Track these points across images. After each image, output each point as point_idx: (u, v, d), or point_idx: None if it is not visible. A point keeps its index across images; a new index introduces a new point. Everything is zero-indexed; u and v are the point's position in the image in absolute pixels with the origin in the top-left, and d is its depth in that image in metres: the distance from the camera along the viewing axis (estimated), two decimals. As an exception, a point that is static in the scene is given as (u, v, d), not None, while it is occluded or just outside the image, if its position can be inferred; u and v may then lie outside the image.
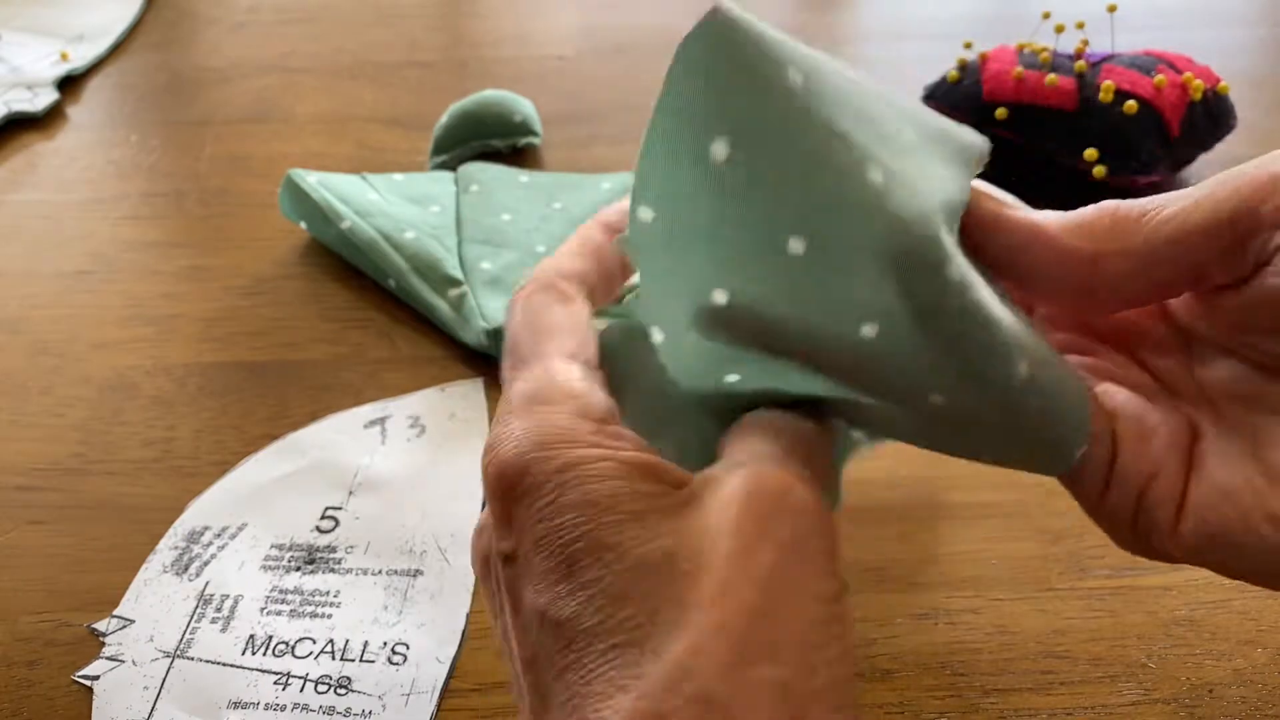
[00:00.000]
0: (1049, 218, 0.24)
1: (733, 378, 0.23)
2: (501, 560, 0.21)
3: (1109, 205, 0.24)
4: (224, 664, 0.33)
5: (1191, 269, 0.23)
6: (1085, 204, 0.24)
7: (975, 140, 0.27)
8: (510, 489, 0.21)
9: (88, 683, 0.33)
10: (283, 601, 0.35)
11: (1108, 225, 0.23)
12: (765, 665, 0.18)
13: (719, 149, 0.22)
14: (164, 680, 0.33)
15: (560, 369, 0.23)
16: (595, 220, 0.27)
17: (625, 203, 0.24)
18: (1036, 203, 0.26)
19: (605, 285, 0.26)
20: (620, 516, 0.20)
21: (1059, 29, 0.52)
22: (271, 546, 0.37)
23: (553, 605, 0.20)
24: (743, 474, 0.21)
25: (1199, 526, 0.23)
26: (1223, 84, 0.51)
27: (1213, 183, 0.22)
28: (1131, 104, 0.48)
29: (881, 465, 0.38)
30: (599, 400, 0.22)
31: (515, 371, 0.24)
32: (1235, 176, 0.22)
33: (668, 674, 0.18)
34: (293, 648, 0.33)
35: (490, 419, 0.42)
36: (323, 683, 0.32)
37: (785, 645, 0.19)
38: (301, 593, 0.35)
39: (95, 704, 0.32)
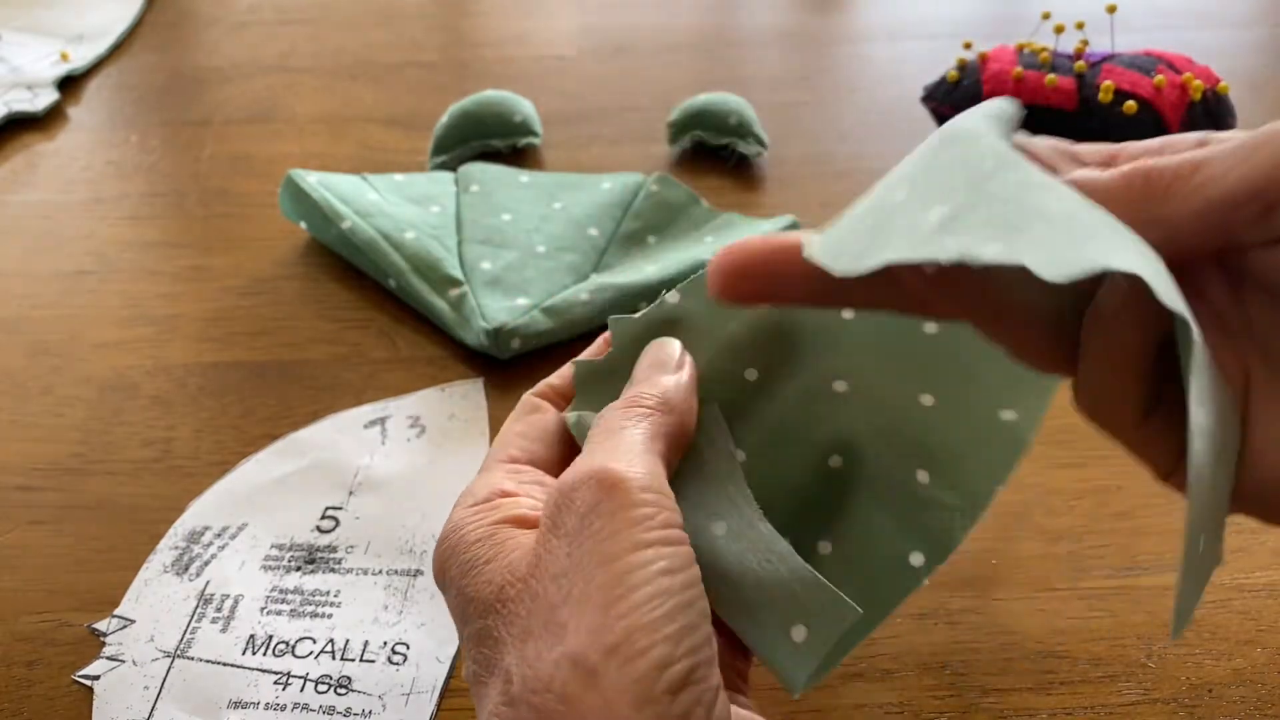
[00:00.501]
0: (1082, 176, 0.23)
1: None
2: None
3: (1142, 167, 0.22)
4: (224, 664, 0.33)
5: (1223, 235, 0.21)
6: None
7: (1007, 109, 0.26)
8: (438, 572, 0.25)
9: (88, 682, 0.33)
10: (283, 601, 0.35)
11: (1139, 191, 0.22)
12: (557, 646, 0.21)
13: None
14: (164, 680, 0.33)
15: (483, 475, 0.27)
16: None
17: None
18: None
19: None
20: (474, 571, 0.23)
21: (1059, 29, 0.52)
22: (272, 546, 0.37)
23: (466, 660, 0.24)
24: (551, 487, 0.24)
25: (1254, 473, 0.22)
26: (1222, 84, 0.51)
27: (1247, 145, 0.21)
28: (1131, 104, 0.48)
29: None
30: (497, 487, 0.26)
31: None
32: (1268, 139, 0.21)
33: (499, 693, 0.22)
34: (293, 647, 0.33)
35: (490, 419, 0.42)
36: (323, 682, 0.32)
37: (578, 619, 0.21)
38: (302, 592, 0.35)
39: (95, 704, 0.32)
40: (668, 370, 0.27)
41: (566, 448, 0.28)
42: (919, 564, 0.29)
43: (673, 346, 0.28)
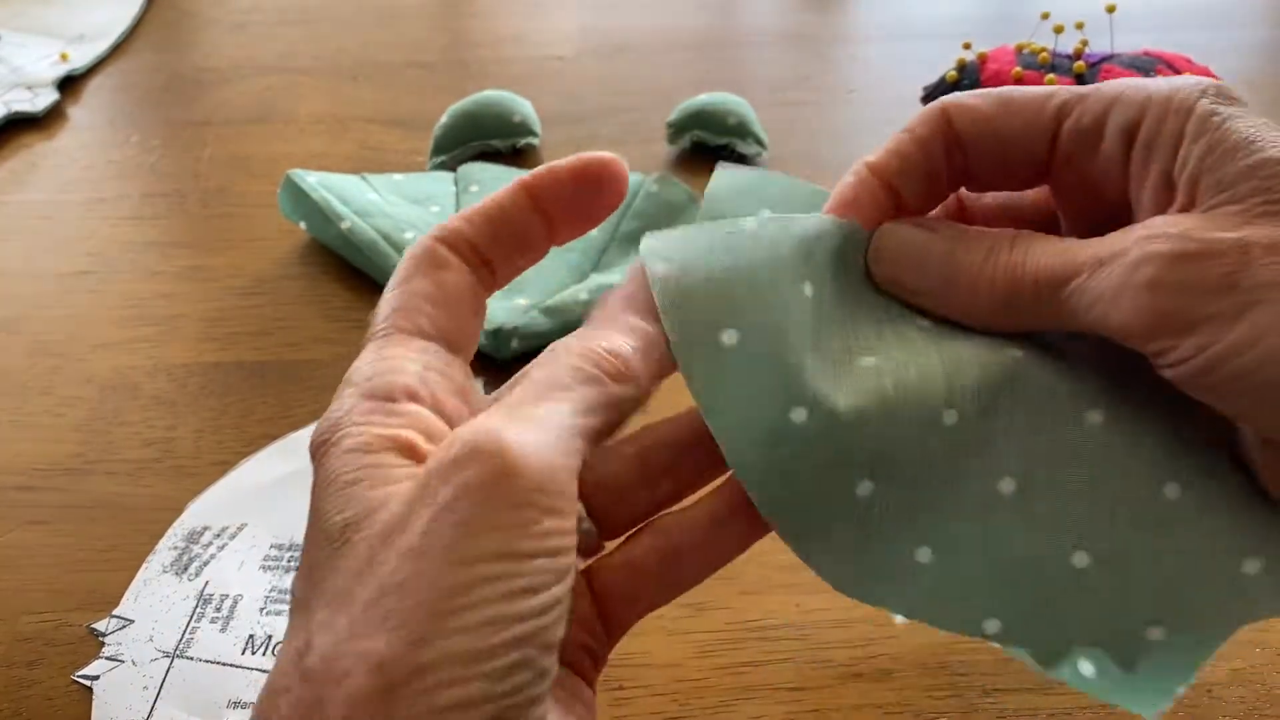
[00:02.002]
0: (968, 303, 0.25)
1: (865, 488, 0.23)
2: None
3: (1021, 283, 0.24)
4: (223, 664, 0.33)
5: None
6: None
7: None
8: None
9: (88, 682, 0.33)
10: (282, 601, 0.35)
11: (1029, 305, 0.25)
12: (369, 639, 0.17)
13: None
14: (164, 680, 0.33)
15: (374, 348, 0.23)
16: (514, 186, 0.25)
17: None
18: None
19: (503, 249, 0.25)
20: (333, 489, 0.20)
21: (1058, 29, 0.52)
22: (271, 546, 0.37)
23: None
24: (447, 440, 0.20)
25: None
26: (1222, 84, 0.51)
27: (1125, 279, 0.22)
28: (1131, 104, 0.48)
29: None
30: (396, 379, 0.22)
31: None
32: (1141, 267, 0.22)
33: (295, 648, 0.18)
34: (293, 647, 0.33)
35: (490, 419, 0.41)
36: (323, 682, 0.32)
37: (403, 618, 0.18)
38: (301, 592, 0.35)
39: (95, 704, 0.32)
40: (645, 314, 0.23)
41: (477, 321, 0.24)
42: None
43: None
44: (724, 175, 0.27)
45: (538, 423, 0.20)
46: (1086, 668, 0.23)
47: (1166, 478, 0.23)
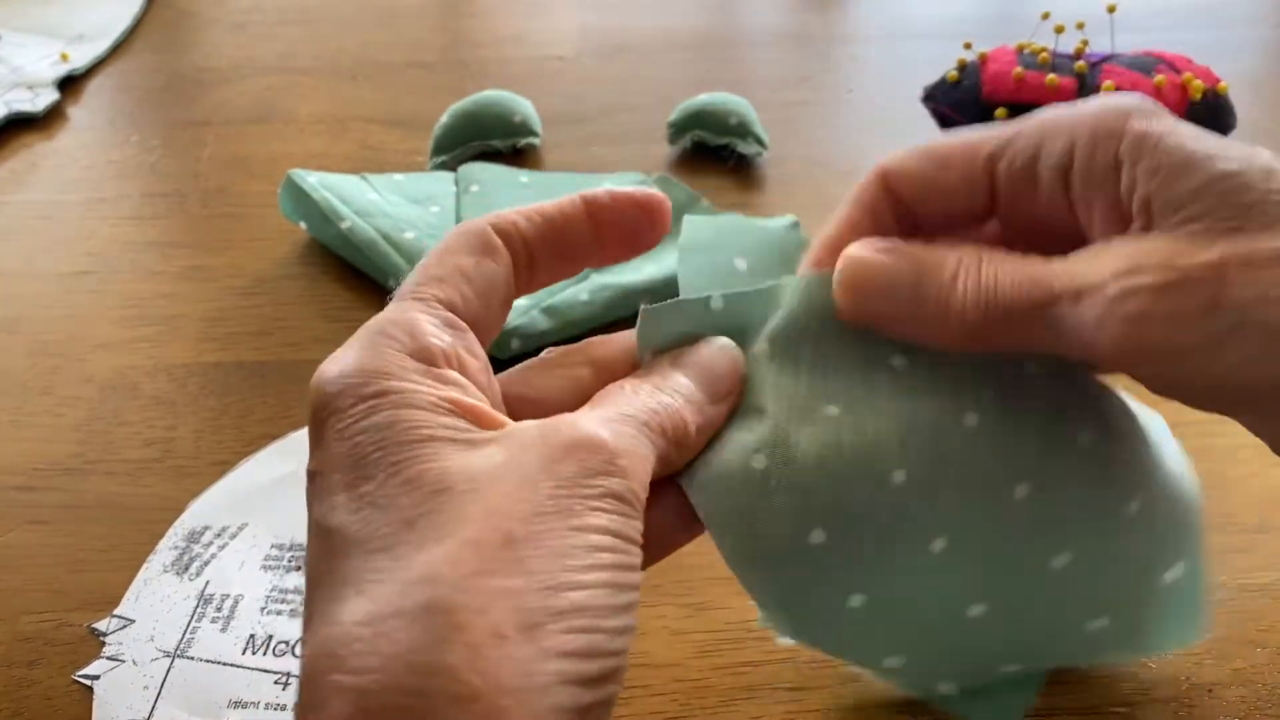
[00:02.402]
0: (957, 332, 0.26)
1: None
2: (309, 480, 0.21)
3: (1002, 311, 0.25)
4: (224, 664, 0.33)
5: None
6: None
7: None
8: (323, 407, 0.21)
9: (88, 682, 0.33)
10: (283, 601, 0.35)
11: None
12: (505, 578, 0.18)
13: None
14: (164, 680, 0.33)
15: (412, 309, 0.23)
16: (575, 196, 0.26)
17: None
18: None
19: (551, 253, 0.26)
20: (410, 439, 0.20)
21: (1059, 29, 0.52)
22: (272, 546, 0.37)
23: (328, 515, 0.20)
24: (548, 422, 0.21)
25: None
26: (1222, 84, 0.51)
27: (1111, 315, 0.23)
28: (1131, 104, 0.48)
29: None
30: (437, 344, 0.22)
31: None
32: (1125, 302, 0.23)
33: (406, 580, 0.18)
34: (293, 647, 0.33)
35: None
36: (323, 682, 0.32)
37: (533, 566, 0.19)
38: (302, 592, 0.35)
39: (95, 703, 0.32)
40: (715, 394, 0.24)
41: (501, 316, 0.25)
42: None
43: (734, 362, 0.25)
44: (694, 228, 0.28)
45: (631, 442, 0.22)
46: (948, 687, 0.28)
47: (1057, 550, 0.26)
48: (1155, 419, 0.29)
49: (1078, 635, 0.27)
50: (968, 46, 0.55)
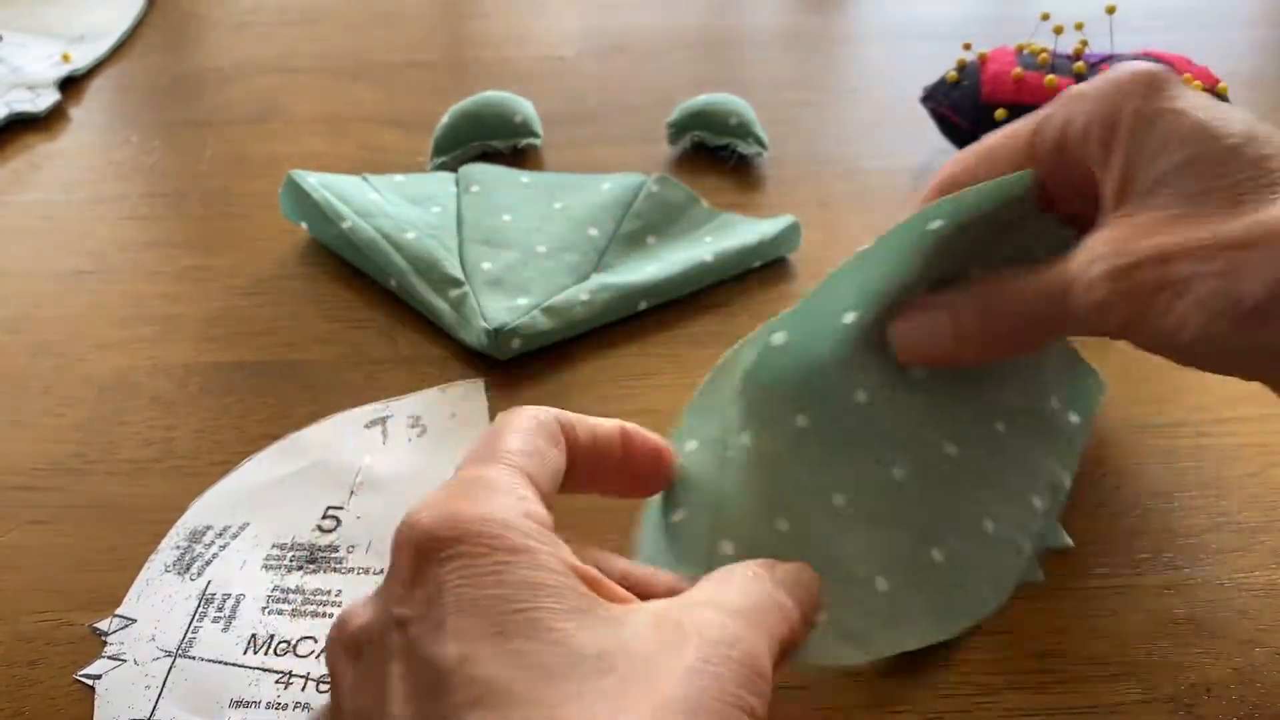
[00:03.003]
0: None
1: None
2: (396, 626, 0.21)
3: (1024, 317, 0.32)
4: (226, 663, 0.33)
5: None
6: None
7: None
8: (438, 548, 0.22)
9: (89, 682, 0.33)
10: (284, 601, 0.35)
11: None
12: None
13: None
14: (166, 679, 0.33)
15: (511, 474, 0.24)
16: (617, 427, 0.29)
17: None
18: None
19: (580, 462, 0.28)
20: (566, 606, 0.21)
21: (1058, 30, 0.52)
22: (273, 546, 0.37)
23: (471, 659, 0.20)
24: (701, 616, 0.23)
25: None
26: (1221, 84, 0.51)
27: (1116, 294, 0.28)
28: (1131, 104, 0.48)
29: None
30: (542, 510, 0.23)
31: (467, 464, 0.25)
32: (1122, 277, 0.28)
33: None
34: (294, 647, 0.34)
35: (490, 419, 0.42)
36: (324, 682, 0.32)
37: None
38: (303, 592, 0.35)
39: (97, 703, 0.32)
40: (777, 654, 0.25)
41: (546, 503, 0.25)
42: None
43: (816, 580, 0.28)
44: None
45: (748, 647, 0.23)
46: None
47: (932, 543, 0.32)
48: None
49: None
50: (967, 47, 0.55)
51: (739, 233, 0.49)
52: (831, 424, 0.32)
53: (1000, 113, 0.50)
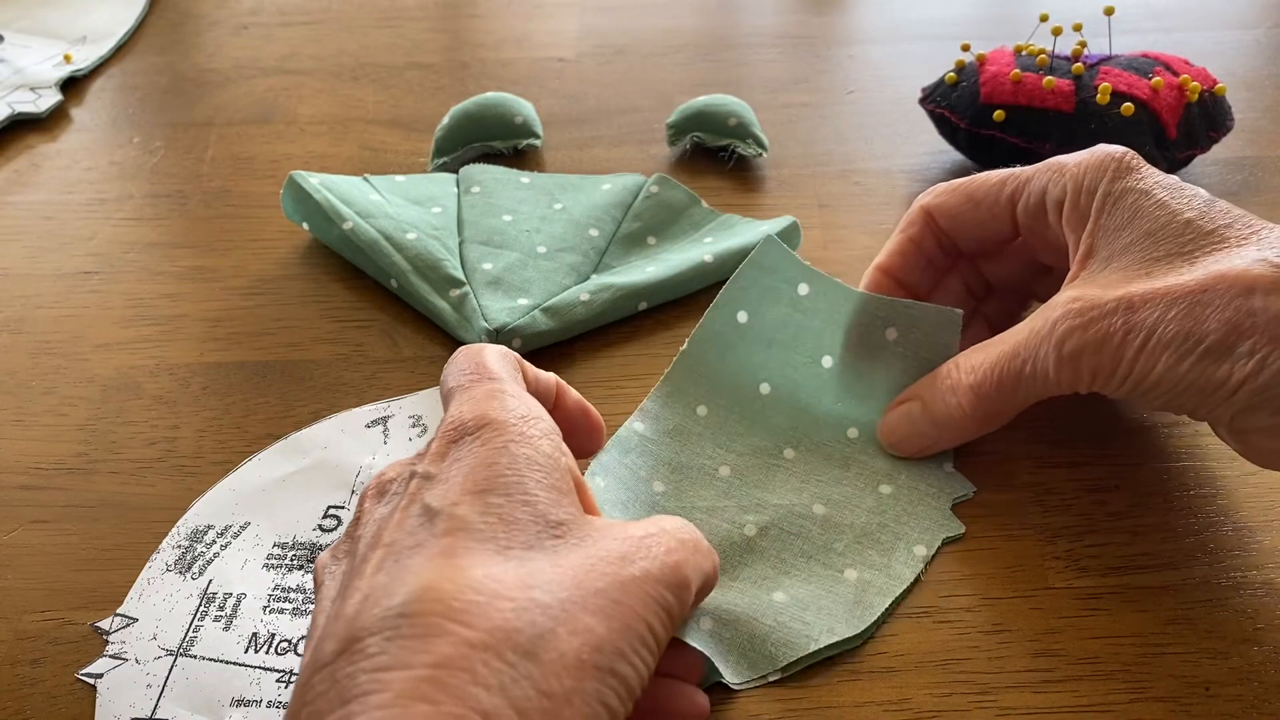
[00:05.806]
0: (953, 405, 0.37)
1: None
2: (418, 478, 0.27)
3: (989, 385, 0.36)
4: (227, 662, 0.33)
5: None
6: None
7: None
8: (467, 431, 0.27)
9: (91, 681, 0.33)
10: (285, 600, 0.35)
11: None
12: (591, 617, 0.24)
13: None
14: (167, 678, 0.33)
15: (516, 387, 0.30)
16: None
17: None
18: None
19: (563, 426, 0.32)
20: (547, 484, 0.27)
21: (1056, 31, 0.52)
22: (274, 545, 0.37)
23: (458, 504, 0.26)
24: (648, 532, 0.28)
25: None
26: (1220, 85, 0.51)
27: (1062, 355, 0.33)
28: (1128, 106, 0.48)
29: (880, 465, 0.38)
30: (550, 420, 0.30)
31: (468, 382, 0.30)
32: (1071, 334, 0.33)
33: (514, 581, 0.24)
34: (295, 646, 0.34)
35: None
36: (325, 680, 0.33)
37: (620, 615, 0.24)
38: (304, 591, 0.35)
39: (98, 702, 0.32)
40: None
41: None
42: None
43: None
44: (768, 252, 0.41)
45: (680, 560, 0.28)
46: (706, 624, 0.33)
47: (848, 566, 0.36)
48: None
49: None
50: (965, 48, 0.55)
51: (739, 233, 0.49)
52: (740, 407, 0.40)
53: (998, 114, 0.51)
